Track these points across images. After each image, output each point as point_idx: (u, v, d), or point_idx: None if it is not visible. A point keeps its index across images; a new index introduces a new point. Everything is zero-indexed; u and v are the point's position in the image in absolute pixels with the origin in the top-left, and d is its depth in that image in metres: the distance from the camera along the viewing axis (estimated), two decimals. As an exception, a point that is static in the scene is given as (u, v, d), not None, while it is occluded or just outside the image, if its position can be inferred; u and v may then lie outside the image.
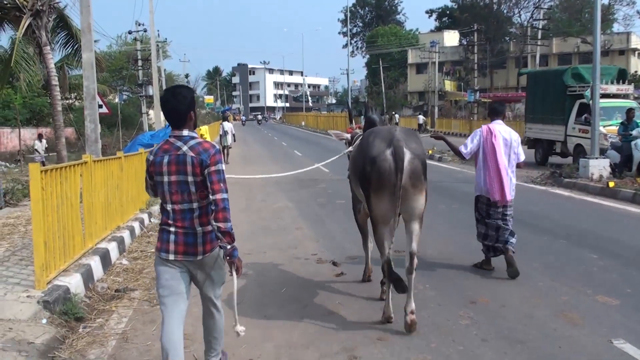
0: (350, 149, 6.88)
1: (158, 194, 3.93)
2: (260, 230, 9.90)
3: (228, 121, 27.28)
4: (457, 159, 21.87)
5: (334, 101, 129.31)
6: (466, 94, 53.34)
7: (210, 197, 3.74)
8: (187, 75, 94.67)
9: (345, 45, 73.77)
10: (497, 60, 63.15)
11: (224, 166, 3.84)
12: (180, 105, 3.83)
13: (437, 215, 10.95)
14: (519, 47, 60.67)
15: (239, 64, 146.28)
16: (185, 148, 3.78)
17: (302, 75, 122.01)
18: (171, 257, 3.83)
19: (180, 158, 3.77)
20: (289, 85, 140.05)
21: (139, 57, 37.79)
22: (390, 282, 5.25)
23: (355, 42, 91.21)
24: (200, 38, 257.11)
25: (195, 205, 3.80)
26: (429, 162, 18.83)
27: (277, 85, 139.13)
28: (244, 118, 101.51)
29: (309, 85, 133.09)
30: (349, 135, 7.42)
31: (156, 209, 11.55)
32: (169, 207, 3.85)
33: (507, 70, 64.15)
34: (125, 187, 9.80)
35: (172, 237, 3.82)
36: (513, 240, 7.16)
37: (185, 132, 3.84)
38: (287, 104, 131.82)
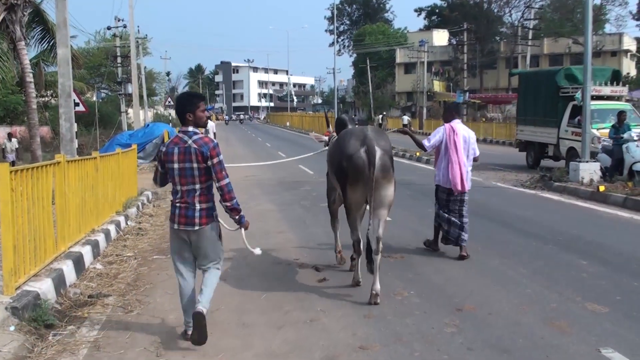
0: (326, 148, 8.38)
1: (168, 179, 5.24)
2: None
3: (210, 120, 27.17)
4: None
5: (320, 101, 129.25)
6: (455, 95, 53.66)
7: (216, 184, 5.11)
8: (168, 74, 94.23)
9: (332, 44, 74.13)
10: (487, 61, 63.63)
11: (222, 156, 5.12)
12: (179, 107, 5.15)
13: (424, 218, 10.98)
14: (509, 47, 61.17)
15: (222, 62, 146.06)
16: (190, 141, 5.07)
17: (287, 74, 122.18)
18: (176, 226, 5.19)
19: (187, 149, 5.06)
20: (273, 84, 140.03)
21: (118, 53, 37.57)
22: (359, 254, 6.73)
23: (342, 40, 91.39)
24: (182, 35, 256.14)
25: (197, 186, 5.10)
26: (422, 165, 18.62)
27: (262, 84, 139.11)
28: (227, 118, 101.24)
29: (294, 85, 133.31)
30: (326, 138, 8.75)
31: (133, 211, 11.48)
32: (178, 187, 5.17)
33: (498, 71, 64.63)
34: (100, 189, 9.71)
35: (177, 210, 5.19)
36: (465, 235, 8.20)
37: (191, 129, 5.12)
38: (272, 104, 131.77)
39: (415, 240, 9.21)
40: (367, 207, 6.43)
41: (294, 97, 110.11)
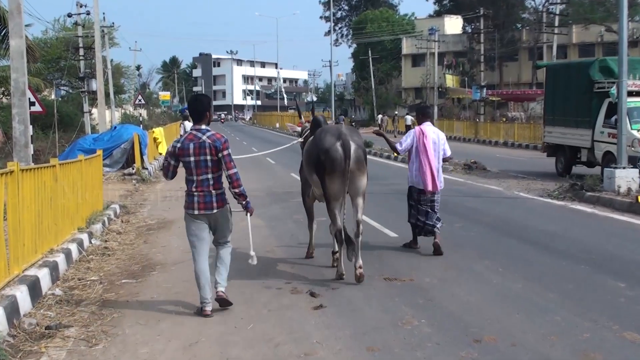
0: (301, 139, 10.18)
1: (186, 172, 7.06)
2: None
3: (189, 121, 27.20)
4: (458, 169, 22.13)
5: (314, 98, 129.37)
6: (471, 91, 53.80)
7: (226, 172, 7.05)
8: (138, 67, 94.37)
9: (328, 32, 73.97)
10: (508, 51, 63.85)
11: (230, 149, 7.13)
12: (200, 107, 7.11)
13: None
14: (532, 35, 61.39)
15: (201, 54, 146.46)
16: (204, 137, 6.99)
17: (276, 67, 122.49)
18: (196, 212, 7.00)
19: (202, 144, 6.96)
20: (260, 79, 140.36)
21: (81, 44, 37.55)
22: (341, 244, 8.27)
23: (340, 28, 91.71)
24: (155, 22, 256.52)
25: (210, 176, 7.02)
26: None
27: (247, 79, 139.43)
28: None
29: (285, 80, 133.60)
30: (299, 128, 10.82)
31: (98, 227, 11.47)
32: (194, 177, 7.02)
33: (519, 63, 64.95)
34: (60, 202, 9.69)
35: (195, 198, 7.01)
36: (439, 224, 10.00)
37: (204, 127, 7.07)
38: (259, 102, 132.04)
39: (425, 261, 9.21)
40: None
41: (284, 95, 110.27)
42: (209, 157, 7.00)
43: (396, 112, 53.20)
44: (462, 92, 60.05)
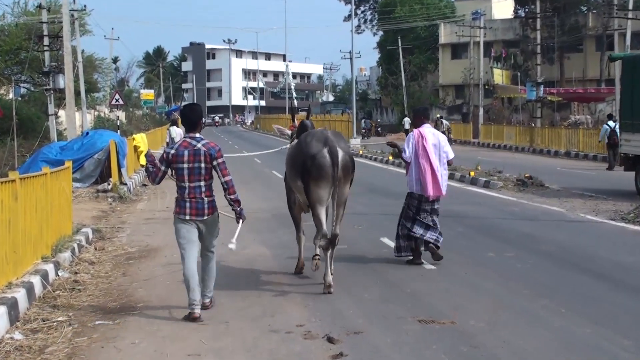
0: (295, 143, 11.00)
1: (177, 177, 8.61)
2: (222, 290, 9.87)
3: (177, 126, 27.35)
4: (509, 186, 22.15)
5: (330, 98, 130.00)
6: (525, 89, 53.55)
7: (221, 179, 8.67)
8: (115, 60, 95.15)
9: (348, 17, 74.02)
10: (570, 41, 63.53)
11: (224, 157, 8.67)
12: (195, 116, 8.83)
13: (485, 265, 10.96)
14: (601, 21, 61.14)
15: (192, 44, 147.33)
16: (199, 145, 8.56)
17: (284, 60, 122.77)
18: (187, 217, 8.60)
19: (196, 152, 8.53)
20: (265, 74, 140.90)
21: (45, 32, 37.78)
22: (327, 250, 9.78)
23: (362, 12, 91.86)
24: (136, 5, 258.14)
25: (202, 183, 8.58)
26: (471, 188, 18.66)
27: (248, 74, 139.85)
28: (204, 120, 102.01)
29: (295, 75, 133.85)
30: (289, 132, 12.09)
31: (67, 256, 11.53)
32: (186, 184, 8.58)
33: (584, 55, 64.74)
34: (21, 225, 9.75)
35: (187, 204, 8.60)
36: (441, 240, 11.48)
37: (198, 135, 8.70)
38: (263, 103, 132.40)
39: (470, 299, 9.18)
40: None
41: (294, 93, 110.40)
42: (203, 165, 8.57)
43: (439, 115, 52.77)
44: (514, 90, 59.87)
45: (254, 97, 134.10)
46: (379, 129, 70.83)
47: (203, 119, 8.78)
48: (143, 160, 29.14)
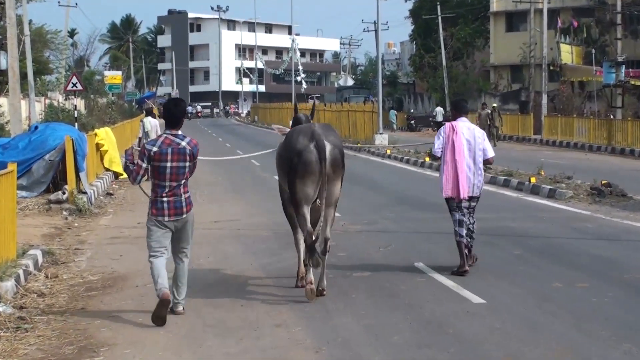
0: None
1: (155, 176, 10.16)
2: (210, 329, 9.87)
3: (153, 116, 27.44)
4: (581, 195, 22.12)
5: (350, 82, 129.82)
6: (601, 71, 53.35)
7: (190, 175, 10.44)
8: (72, 33, 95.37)
9: (373, -23, 73.92)
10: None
11: None
12: (179, 113, 10.46)
13: (545, 300, 10.95)
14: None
15: (170, 12, 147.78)
16: (184, 143, 10.21)
17: (289, 33, 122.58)
18: (166, 219, 10.19)
19: (181, 150, 10.14)
20: (265, 52, 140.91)
21: (-19, -3, 37.97)
22: (309, 251, 11.19)
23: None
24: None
25: (183, 182, 10.25)
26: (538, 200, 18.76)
27: (243, 51, 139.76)
28: (189, 110, 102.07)
29: (304, 53, 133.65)
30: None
31: (9, 286, 11.52)
32: (167, 184, 10.15)
33: (679, 26, 64.41)
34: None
35: (165, 204, 10.16)
36: (467, 240, 12.84)
37: (180, 132, 10.32)
38: (262, 88, 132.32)
39: (531, 342, 9.15)
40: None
41: (302, 75, 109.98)
42: (187, 164, 10.27)
43: (495, 105, 52.35)
44: (587, 72, 59.60)
45: (250, 80, 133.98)
46: (412, 121, 70.76)
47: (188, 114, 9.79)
48: (110, 162, 29.21)
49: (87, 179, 23.56)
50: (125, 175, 27.86)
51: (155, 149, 10.10)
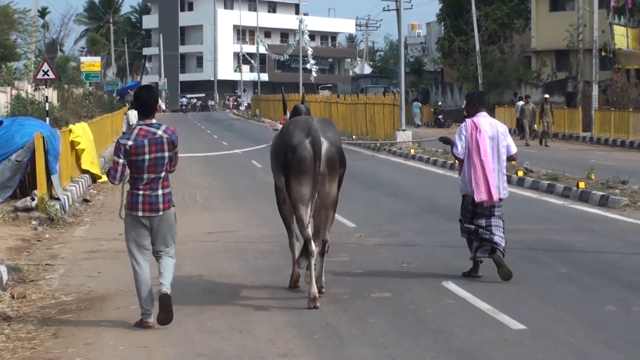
0: None
1: (132, 169, 10.94)
2: (203, 359, 9.89)
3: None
4: (638, 203, 22.12)
5: (367, 70, 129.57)
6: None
7: (172, 168, 11.35)
8: (43, 12, 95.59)
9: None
10: None
11: None
12: (152, 100, 11.32)
13: (596, 326, 10.91)
14: None
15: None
16: (160, 132, 11.00)
17: (296, 12, 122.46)
18: (140, 214, 10.97)
19: (158, 140, 10.94)
20: (268, 34, 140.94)
21: None
22: (311, 256, 11.95)
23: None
24: None
25: (162, 174, 11.06)
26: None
27: (243, 34, 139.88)
28: (165, 104, 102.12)
29: (313, 35, 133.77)
30: (281, 126, 13.63)
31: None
32: (145, 176, 10.94)
33: None
34: None
35: (140, 198, 10.93)
36: (503, 244, 13.60)
37: (154, 121, 11.11)
38: (265, 76, 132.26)
39: None
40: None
41: (311, 62, 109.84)
42: (167, 154, 11.04)
43: (547, 96, 51.94)
44: (646, 58, 59.60)
45: (251, 68, 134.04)
46: (440, 116, 70.69)
47: (160, 102, 10.43)
48: (87, 162, 29.20)
49: (60, 183, 23.55)
50: (104, 179, 27.96)
51: (130, 142, 10.87)
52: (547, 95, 51.39)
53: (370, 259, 15.83)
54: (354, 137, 52.65)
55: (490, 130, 13.70)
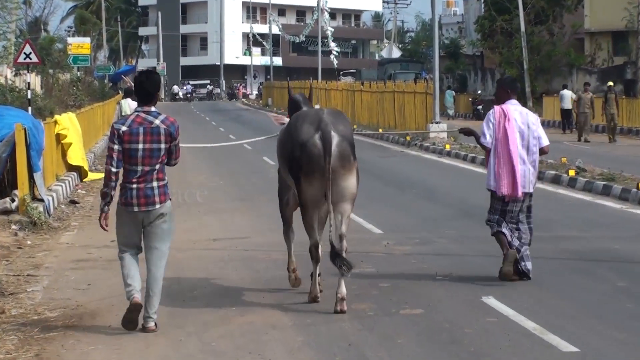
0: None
1: (125, 160, 11.62)
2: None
3: (134, 98, 27.51)
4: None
5: (396, 53, 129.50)
6: None
7: (173, 161, 12.15)
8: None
9: None
10: None
11: None
12: (152, 87, 11.95)
13: None
14: None
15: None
16: (157, 122, 11.70)
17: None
18: (136, 209, 11.73)
19: (154, 130, 11.65)
20: (282, 12, 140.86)
21: None
22: (317, 262, 13.11)
23: None
24: None
25: (157, 166, 11.76)
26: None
27: (253, 12, 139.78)
28: (184, 89, 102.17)
29: (334, 13, 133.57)
30: (288, 120, 14.35)
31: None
32: (138, 168, 11.65)
33: None
34: None
35: (134, 192, 11.68)
36: (526, 251, 14.44)
37: (153, 109, 11.86)
38: (279, 61, 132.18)
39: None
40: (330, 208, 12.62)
41: (332, 44, 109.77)
42: (163, 146, 11.67)
43: (611, 83, 51.70)
44: None
45: (262, 51, 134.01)
46: (479, 107, 70.42)
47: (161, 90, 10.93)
48: (75, 157, 29.20)
49: (44, 182, 23.55)
50: (93, 177, 28.04)
51: (124, 128, 11.56)
52: (611, 83, 51.08)
53: (399, 271, 15.83)
54: (380, 130, 52.51)
55: (521, 119, 14.34)
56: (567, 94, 51.93)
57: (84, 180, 29.16)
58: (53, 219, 21.82)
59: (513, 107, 14.49)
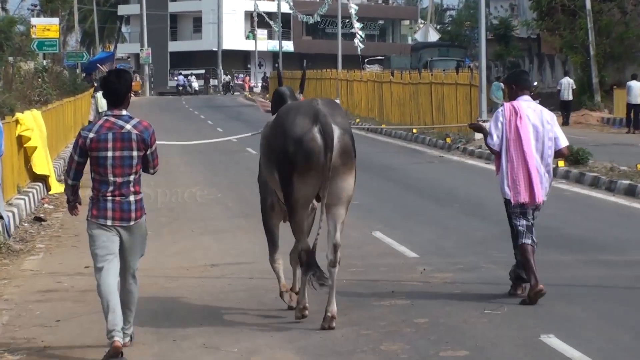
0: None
1: (94, 169, 12.34)
2: None
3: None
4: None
5: (434, 37, 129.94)
6: None
7: (151, 170, 13.02)
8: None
9: None
10: None
11: None
12: (122, 87, 12.55)
13: None
14: None
15: None
16: (129, 126, 12.31)
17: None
18: (109, 222, 12.37)
19: (125, 135, 12.27)
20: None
21: None
22: (310, 272, 13.44)
23: None
24: None
25: (132, 177, 12.45)
26: None
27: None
28: (180, 80, 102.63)
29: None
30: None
31: None
32: (110, 179, 12.30)
33: None
34: None
35: (109, 204, 12.36)
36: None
37: (124, 112, 12.51)
38: (289, 46, 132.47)
39: None
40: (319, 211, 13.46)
41: (356, 25, 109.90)
42: (135, 153, 12.26)
43: None
44: None
45: (269, 34, 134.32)
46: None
47: (132, 91, 11.91)
48: (39, 165, 29.27)
49: (2, 195, 23.62)
50: (61, 189, 28.06)
51: (92, 134, 12.14)
52: None
53: (439, 303, 15.77)
54: (414, 131, 52.44)
55: (534, 117, 15.08)
56: (637, 85, 51.96)
57: (51, 192, 29.21)
58: (14, 241, 21.89)
59: (525, 103, 15.17)
